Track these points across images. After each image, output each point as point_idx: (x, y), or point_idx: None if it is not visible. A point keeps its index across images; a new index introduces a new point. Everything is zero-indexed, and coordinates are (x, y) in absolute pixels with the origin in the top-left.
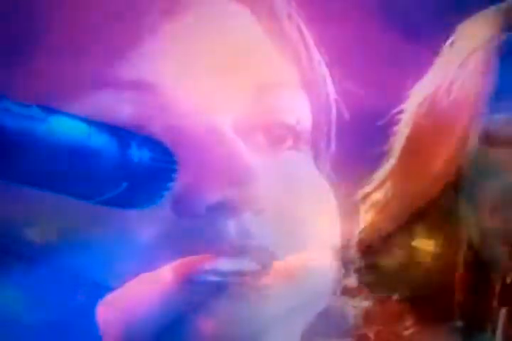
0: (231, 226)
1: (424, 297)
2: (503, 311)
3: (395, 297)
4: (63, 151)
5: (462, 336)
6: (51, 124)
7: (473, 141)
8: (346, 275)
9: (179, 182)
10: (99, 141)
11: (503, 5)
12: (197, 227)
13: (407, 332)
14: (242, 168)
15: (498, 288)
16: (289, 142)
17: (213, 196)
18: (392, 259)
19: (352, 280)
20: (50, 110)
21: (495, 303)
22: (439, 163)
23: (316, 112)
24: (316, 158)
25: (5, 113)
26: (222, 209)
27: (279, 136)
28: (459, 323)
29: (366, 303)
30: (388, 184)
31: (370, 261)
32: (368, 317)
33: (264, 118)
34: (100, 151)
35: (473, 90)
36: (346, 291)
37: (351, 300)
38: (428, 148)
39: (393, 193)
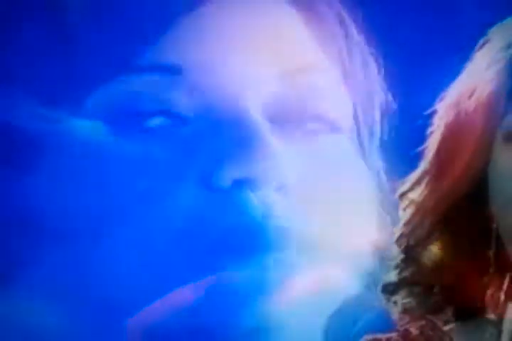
0: (255, 202)
1: (461, 290)
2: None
3: (435, 291)
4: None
5: (495, 329)
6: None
7: (497, 139)
8: (386, 271)
9: (208, 158)
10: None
11: None
12: (223, 201)
13: (447, 327)
14: (263, 147)
15: (506, 282)
16: (323, 127)
17: (237, 171)
18: (430, 255)
19: (392, 276)
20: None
21: (502, 298)
22: (468, 161)
23: (358, 101)
24: (360, 146)
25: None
26: (246, 183)
27: (312, 120)
28: (492, 316)
29: (407, 300)
30: (423, 183)
31: (410, 257)
32: (409, 312)
33: (296, 104)
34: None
35: (498, 91)
36: (387, 288)
37: (392, 296)
38: (459, 147)
39: (429, 191)
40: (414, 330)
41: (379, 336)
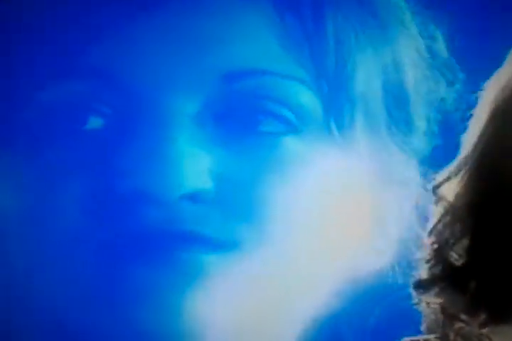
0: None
1: (496, 290)
2: None
3: (469, 291)
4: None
5: None
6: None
7: None
8: (417, 268)
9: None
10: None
11: None
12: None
13: (485, 330)
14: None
15: None
16: (278, 128)
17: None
18: (461, 253)
19: (423, 273)
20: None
21: None
22: None
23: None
24: (335, 141)
25: None
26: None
27: (256, 120)
28: None
29: (439, 299)
30: (459, 176)
31: (439, 253)
32: (444, 312)
33: (237, 103)
34: None
35: None
36: (419, 284)
37: (424, 295)
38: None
39: (463, 186)
40: (452, 334)
41: (416, 338)
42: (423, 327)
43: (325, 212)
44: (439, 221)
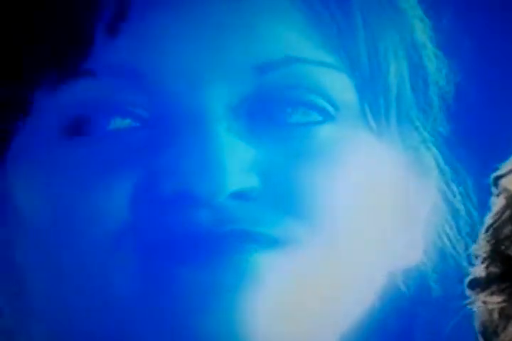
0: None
1: None
2: None
3: None
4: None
5: None
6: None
7: None
8: (473, 264)
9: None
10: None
11: None
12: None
13: None
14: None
15: None
16: (314, 117)
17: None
18: None
19: (480, 271)
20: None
21: None
22: None
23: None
24: (371, 130)
25: None
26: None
27: (292, 110)
28: None
29: (496, 299)
30: None
31: (497, 250)
32: (502, 313)
33: (270, 93)
34: None
35: None
36: (474, 283)
37: (481, 294)
38: None
39: None
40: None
41: None
42: (476, 326)
43: (365, 201)
44: (500, 215)
